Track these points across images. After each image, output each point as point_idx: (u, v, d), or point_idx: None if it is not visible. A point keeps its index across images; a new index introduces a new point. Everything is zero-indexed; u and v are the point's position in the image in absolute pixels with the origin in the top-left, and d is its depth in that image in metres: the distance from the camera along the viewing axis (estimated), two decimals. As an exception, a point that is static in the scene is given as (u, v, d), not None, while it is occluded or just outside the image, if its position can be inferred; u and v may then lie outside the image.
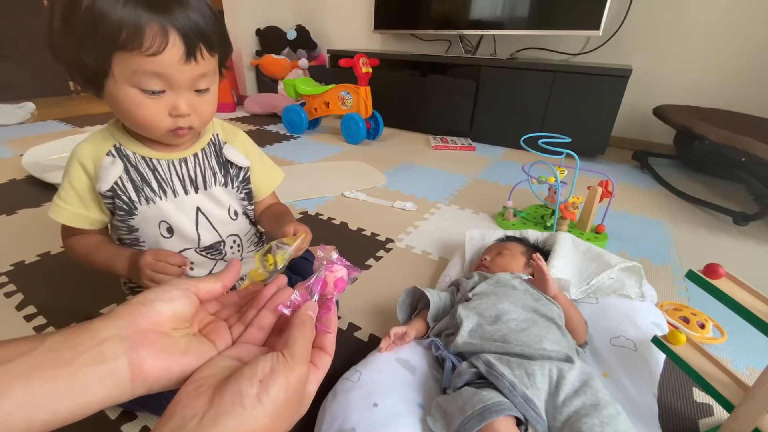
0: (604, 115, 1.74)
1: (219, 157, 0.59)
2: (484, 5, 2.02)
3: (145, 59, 0.42)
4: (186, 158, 0.55)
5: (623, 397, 0.57)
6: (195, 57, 0.44)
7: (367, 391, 0.51)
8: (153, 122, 0.47)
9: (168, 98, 0.46)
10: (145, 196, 0.53)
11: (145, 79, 0.43)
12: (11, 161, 1.50)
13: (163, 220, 0.54)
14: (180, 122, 0.48)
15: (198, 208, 0.57)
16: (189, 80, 0.46)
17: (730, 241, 1.14)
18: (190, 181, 0.56)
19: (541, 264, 0.64)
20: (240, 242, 0.63)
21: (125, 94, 0.44)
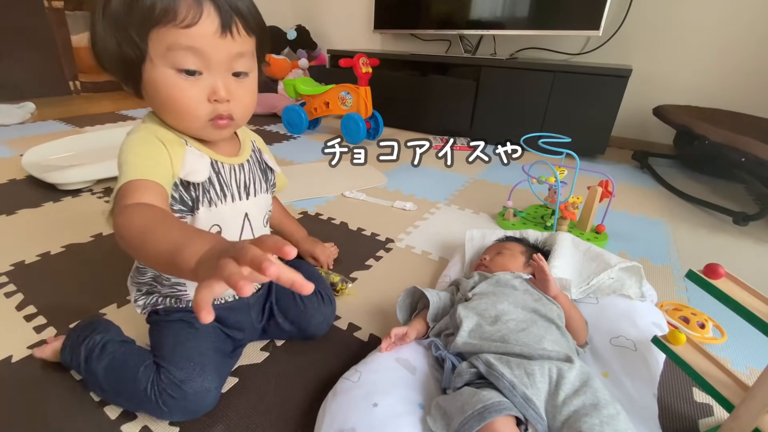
0: (604, 115, 1.74)
1: (260, 164, 0.60)
2: (484, 5, 2.02)
3: (180, 32, 0.40)
4: (243, 164, 0.56)
5: (623, 397, 0.56)
6: (230, 31, 0.42)
7: (367, 391, 0.51)
8: (191, 108, 0.45)
9: (205, 81, 0.44)
10: (209, 198, 0.51)
11: (181, 56, 0.42)
12: (11, 161, 1.50)
13: (216, 224, 0.53)
14: (220, 108, 0.46)
15: (246, 214, 0.57)
16: (226, 58, 0.44)
17: (730, 241, 1.14)
18: (244, 186, 0.56)
19: (543, 264, 0.64)
20: None
21: (162, 76, 0.43)
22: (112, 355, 0.53)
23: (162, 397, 0.49)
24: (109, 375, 0.52)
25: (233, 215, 0.55)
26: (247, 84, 0.48)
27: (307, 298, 0.67)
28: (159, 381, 0.49)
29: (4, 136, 1.84)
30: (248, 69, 0.47)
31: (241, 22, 0.43)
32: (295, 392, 0.59)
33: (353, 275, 0.89)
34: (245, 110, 0.50)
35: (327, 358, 0.66)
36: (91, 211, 1.14)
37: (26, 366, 0.62)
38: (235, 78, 0.46)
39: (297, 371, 0.63)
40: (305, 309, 0.66)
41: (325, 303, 0.68)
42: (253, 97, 0.50)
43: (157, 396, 0.49)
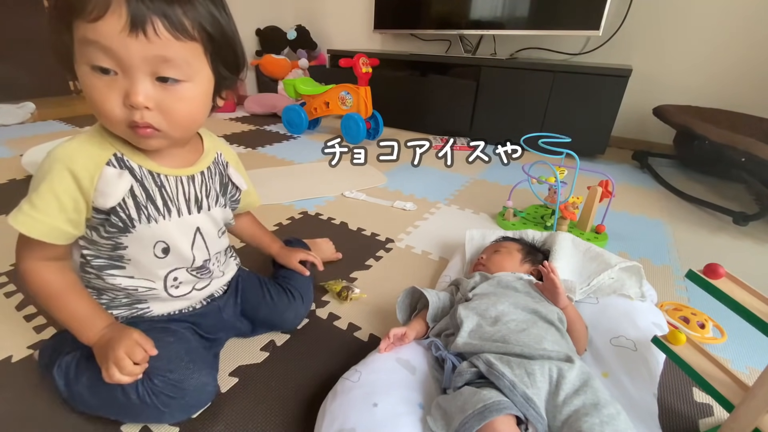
0: (604, 115, 1.74)
1: (222, 177, 0.57)
2: (484, 5, 2.02)
3: (88, 26, 0.37)
4: (194, 176, 0.52)
5: (623, 397, 0.56)
6: (144, 31, 0.38)
7: (367, 391, 0.51)
8: (105, 109, 0.41)
9: (121, 83, 0.40)
10: (147, 214, 0.47)
11: (90, 51, 0.38)
12: (11, 161, 1.50)
13: (161, 240, 0.50)
14: (136, 115, 0.41)
15: (198, 228, 0.53)
16: (141, 60, 0.39)
17: (730, 241, 1.14)
18: (195, 200, 0.52)
19: (555, 278, 0.62)
20: (221, 257, 0.62)
21: (81, 73, 0.40)
22: (90, 371, 0.49)
23: (160, 399, 0.48)
24: (94, 392, 0.49)
25: (181, 230, 0.51)
26: (178, 92, 0.42)
27: (277, 297, 0.67)
28: (152, 385, 0.47)
29: (4, 136, 1.84)
30: (181, 76, 0.42)
31: (164, 23, 0.39)
32: (295, 392, 0.59)
33: (353, 275, 0.89)
34: (176, 122, 0.44)
35: (327, 358, 0.66)
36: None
37: (26, 366, 0.62)
38: (160, 84, 0.41)
39: (297, 371, 0.63)
40: (275, 307, 0.67)
41: (296, 300, 0.69)
42: (188, 107, 0.44)
43: (153, 399, 0.47)
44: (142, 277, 0.52)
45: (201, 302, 0.60)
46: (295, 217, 1.15)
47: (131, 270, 0.51)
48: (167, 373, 0.48)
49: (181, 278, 0.54)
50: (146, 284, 0.52)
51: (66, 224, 0.44)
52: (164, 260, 0.51)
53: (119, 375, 0.44)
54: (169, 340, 0.52)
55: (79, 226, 0.46)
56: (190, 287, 0.57)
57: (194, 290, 0.57)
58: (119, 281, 0.51)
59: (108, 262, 0.50)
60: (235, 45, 0.47)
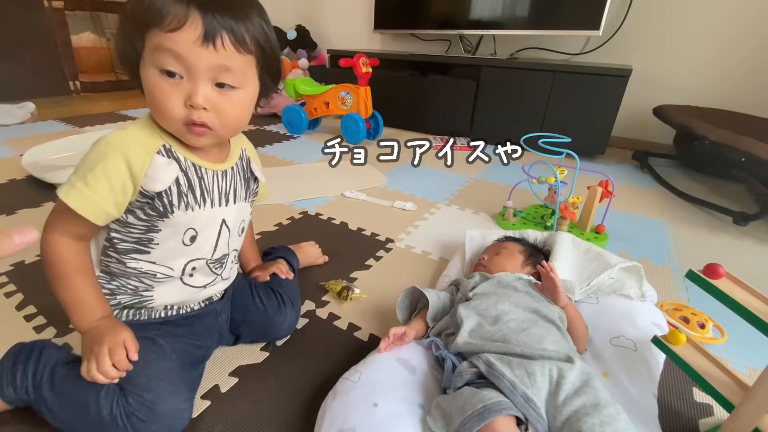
0: (604, 115, 1.74)
1: (246, 172, 0.60)
2: (484, 5, 2.02)
3: (165, 35, 0.43)
4: (227, 171, 0.56)
5: (623, 397, 0.57)
6: (214, 43, 0.43)
7: (367, 391, 0.51)
8: (167, 108, 0.46)
9: (185, 86, 0.45)
10: (186, 202, 0.51)
11: (163, 57, 0.44)
12: (11, 161, 1.50)
13: (192, 227, 0.53)
14: (194, 115, 0.46)
15: (223, 221, 0.56)
16: (207, 68, 0.44)
17: (730, 241, 1.14)
18: (225, 193, 0.56)
19: (554, 277, 0.63)
20: (235, 257, 0.63)
21: (148, 75, 0.45)
22: (64, 380, 0.49)
23: (131, 420, 0.46)
24: (64, 403, 0.48)
25: (211, 221, 0.54)
26: (232, 97, 0.48)
27: (268, 302, 0.67)
28: (126, 404, 0.46)
29: (4, 136, 1.84)
30: (237, 83, 0.47)
31: (230, 37, 0.44)
32: (295, 392, 0.59)
33: (353, 275, 0.89)
34: (227, 123, 0.49)
35: (327, 358, 0.66)
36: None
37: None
38: (218, 89, 0.46)
39: (297, 371, 0.63)
40: (265, 311, 0.66)
41: (286, 306, 0.68)
42: (239, 111, 0.49)
43: (124, 420, 0.46)
44: (163, 263, 0.54)
45: (199, 304, 0.60)
46: (295, 217, 1.15)
47: (155, 255, 0.53)
48: (144, 393, 0.47)
49: (198, 268, 0.56)
50: (165, 270, 0.54)
51: (111, 205, 0.47)
52: (189, 248, 0.54)
53: (95, 372, 0.45)
54: (151, 356, 0.51)
55: (120, 208, 0.49)
56: (203, 282, 0.58)
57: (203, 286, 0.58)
58: (141, 265, 0.53)
59: (134, 246, 0.52)
60: (279, 59, 0.52)
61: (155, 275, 0.54)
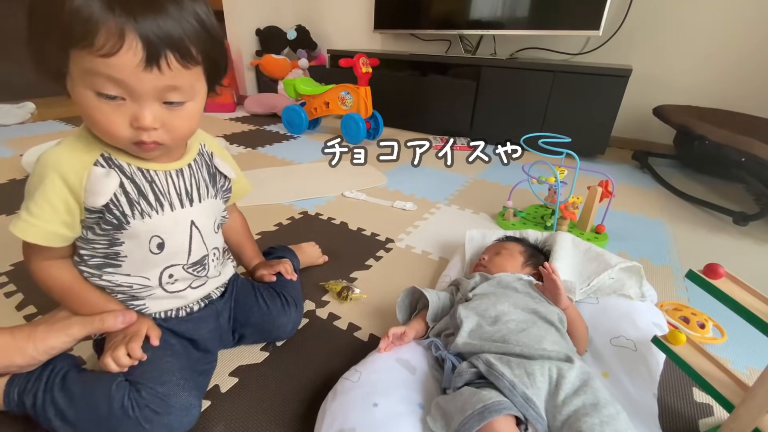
0: (604, 115, 1.74)
1: (209, 168, 0.57)
2: (484, 5, 2.02)
3: (98, 60, 0.37)
4: (182, 169, 0.52)
5: (623, 397, 0.57)
6: (159, 65, 0.39)
7: (367, 391, 0.51)
8: (111, 131, 0.42)
9: (128, 107, 0.41)
10: (140, 210, 0.48)
11: (99, 82, 0.39)
12: (11, 161, 1.50)
13: (156, 235, 0.50)
14: (143, 136, 0.43)
15: (192, 222, 0.53)
16: (153, 91, 0.41)
17: (730, 241, 1.14)
18: (186, 193, 0.52)
19: (556, 279, 0.62)
20: (218, 255, 0.61)
21: (82, 96, 0.41)
22: (75, 381, 0.49)
23: (143, 412, 0.46)
24: (74, 401, 0.48)
25: (176, 224, 0.52)
26: (182, 112, 0.44)
27: (272, 303, 0.66)
28: (138, 397, 0.46)
29: (4, 136, 1.84)
30: (185, 98, 0.44)
31: (176, 55, 0.40)
32: (295, 392, 0.59)
33: (353, 275, 0.89)
34: (178, 137, 0.46)
35: (327, 358, 0.66)
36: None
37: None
38: (166, 106, 0.43)
39: (297, 371, 0.63)
40: (269, 312, 0.65)
41: (290, 307, 0.67)
42: (190, 123, 0.46)
43: (137, 412, 0.46)
44: (137, 274, 0.52)
45: (198, 303, 0.59)
46: (295, 217, 1.15)
47: (127, 267, 0.51)
48: (157, 386, 0.47)
49: (176, 275, 0.54)
50: (141, 281, 0.52)
51: (61, 227, 0.46)
52: (159, 256, 0.51)
53: (107, 359, 0.47)
54: (164, 353, 0.52)
55: (74, 228, 0.47)
56: (185, 284, 0.56)
57: (189, 288, 0.57)
58: (116, 278, 0.52)
59: (104, 260, 0.51)
60: (225, 54, 0.48)
61: (132, 287, 0.52)
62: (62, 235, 0.47)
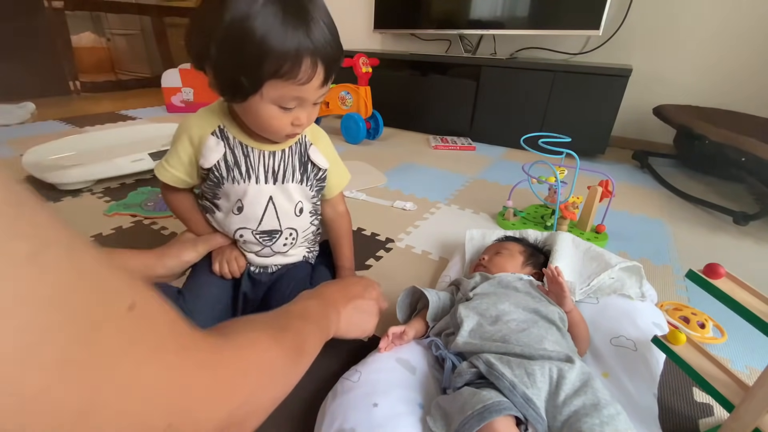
0: (604, 115, 1.74)
1: (302, 156, 0.65)
2: (484, 5, 2.02)
3: (293, 86, 0.49)
4: (275, 152, 0.61)
5: (623, 397, 0.56)
6: (327, 83, 0.52)
7: (367, 391, 0.51)
8: (279, 130, 0.54)
9: (295, 113, 0.53)
10: (233, 176, 0.60)
11: (287, 100, 0.51)
12: (11, 161, 1.50)
13: (239, 199, 0.61)
14: (297, 129, 0.55)
15: (270, 197, 0.63)
16: (316, 98, 0.53)
17: (730, 241, 1.14)
18: (272, 172, 0.62)
19: (562, 281, 0.62)
20: (295, 236, 0.68)
21: (266, 109, 0.51)
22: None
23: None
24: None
25: (256, 196, 0.62)
26: (316, 108, 0.56)
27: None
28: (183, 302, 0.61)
29: (4, 136, 1.84)
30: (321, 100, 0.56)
31: (330, 77, 0.52)
32: (295, 392, 0.59)
33: (353, 275, 0.89)
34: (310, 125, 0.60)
35: (327, 358, 0.66)
36: (91, 211, 1.14)
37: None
38: (314, 106, 0.55)
39: (297, 371, 0.63)
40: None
41: None
42: (315, 117, 0.58)
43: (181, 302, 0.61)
44: (221, 225, 0.66)
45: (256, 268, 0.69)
46: (295, 217, 1.15)
47: (218, 217, 0.65)
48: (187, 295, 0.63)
49: (246, 237, 0.65)
50: (222, 232, 0.67)
51: (185, 175, 0.62)
52: (237, 217, 0.63)
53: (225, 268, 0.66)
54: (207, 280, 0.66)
55: (193, 177, 0.63)
56: (252, 249, 0.67)
57: (254, 254, 0.67)
58: (211, 219, 0.67)
59: (210, 204, 0.65)
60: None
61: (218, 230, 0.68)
62: (184, 181, 0.63)
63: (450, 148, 1.93)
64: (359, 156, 1.75)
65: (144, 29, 3.57)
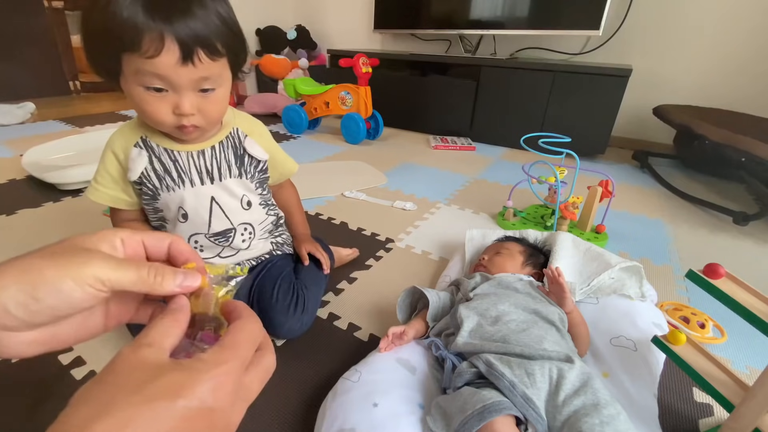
0: (604, 115, 1.74)
1: (237, 150, 0.63)
2: (484, 5, 2.02)
3: (145, 61, 0.46)
4: (204, 150, 0.60)
5: (623, 397, 0.56)
6: (192, 61, 0.47)
7: (367, 391, 0.51)
8: (158, 118, 0.51)
9: (171, 97, 0.50)
10: (166, 184, 0.58)
11: (147, 78, 0.47)
12: (11, 161, 1.50)
13: (180, 206, 0.60)
14: (183, 120, 0.51)
15: (212, 198, 0.61)
16: (189, 82, 0.49)
17: (730, 241, 1.14)
18: (206, 172, 0.60)
19: (563, 282, 0.62)
20: (252, 230, 0.67)
21: (133, 91, 0.49)
22: None
23: None
24: None
25: (197, 198, 0.60)
26: (213, 97, 0.52)
27: (282, 296, 0.66)
28: None
29: (4, 136, 1.84)
30: (215, 85, 0.52)
31: (205, 51, 0.48)
32: (295, 392, 0.59)
33: (353, 275, 0.89)
34: (211, 120, 0.55)
35: (327, 358, 0.66)
36: (91, 211, 1.14)
37: (26, 366, 0.62)
38: (201, 93, 0.51)
39: (297, 371, 0.63)
40: (273, 304, 0.65)
41: (296, 311, 0.66)
42: (220, 106, 0.55)
43: None
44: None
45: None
46: (295, 217, 1.15)
47: (168, 228, 0.62)
48: None
49: (201, 242, 0.63)
50: None
51: (120, 192, 0.59)
52: (185, 225, 0.61)
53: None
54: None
55: (130, 194, 0.60)
56: (213, 252, 0.65)
57: (218, 257, 0.65)
58: None
59: (159, 223, 0.63)
60: (245, 44, 0.55)
61: None
62: (123, 199, 0.60)
63: (450, 148, 1.93)
64: (359, 156, 1.75)
65: (144, 29, 3.57)
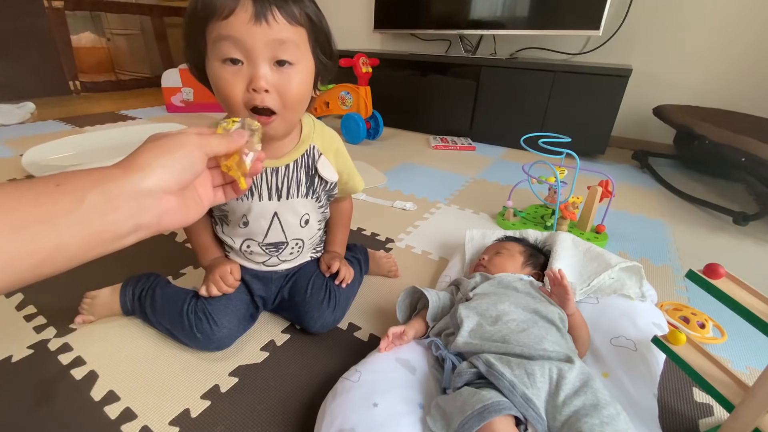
0: (604, 115, 1.74)
1: (309, 170, 0.63)
2: (484, 5, 2.02)
3: (221, 24, 0.45)
4: (278, 168, 0.60)
5: (623, 397, 0.56)
6: (266, 18, 0.45)
7: (367, 391, 0.51)
8: (231, 95, 0.48)
9: (246, 70, 0.47)
10: None
11: (223, 46, 0.46)
12: (11, 161, 1.50)
13: (245, 214, 0.62)
14: (257, 99, 0.48)
15: (275, 213, 0.62)
16: (264, 45, 0.46)
17: (730, 241, 1.14)
18: (276, 189, 0.61)
19: (566, 284, 0.61)
20: (302, 245, 0.69)
21: (212, 68, 0.48)
22: (167, 285, 0.70)
23: (199, 323, 0.62)
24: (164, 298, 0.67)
25: (261, 212, 0.62)
26: (290, 74, 0.49)
27: (316, 292, 0.69)
28: (196, 307, 0.63)
29: (4, 136, 1.84)
30: (293, 59, 0.48)
31: (280, 11, 0.46)
32: (295, 392, 0.59)
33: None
34: (289, 103, 0.50)
35: (327, 358, 0.66)
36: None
37: (26, 366, 0.62)
38: (277, 68, 0.48)
39: (297, 371, 0.63)
40: (306, 302, 0.68)
41: (329, 306, 0.68)
42: (298, 88, 0.50)
43: (191, 320, 0.62)
44: (229, 235, 0.66)
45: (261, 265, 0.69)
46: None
47: (226, 229, 0.66)
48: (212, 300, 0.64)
49: (252, 248, 0.66)
50: (229, 242, 0.67)
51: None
52: (243, 230, 0.64)
53: (213, 289, 0.64)
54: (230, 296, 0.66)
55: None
56: (262, 258, 0.68)
57: (263, 264, 0.69)
58: (219, 230, 0.67)
59: (220, 214, 0.65)
60: (329, 35, 0.54)
61: (224, 243, 0.68)
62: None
63: (450, 148, 1.93)
64: (359, 156, 1.75)
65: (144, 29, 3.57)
